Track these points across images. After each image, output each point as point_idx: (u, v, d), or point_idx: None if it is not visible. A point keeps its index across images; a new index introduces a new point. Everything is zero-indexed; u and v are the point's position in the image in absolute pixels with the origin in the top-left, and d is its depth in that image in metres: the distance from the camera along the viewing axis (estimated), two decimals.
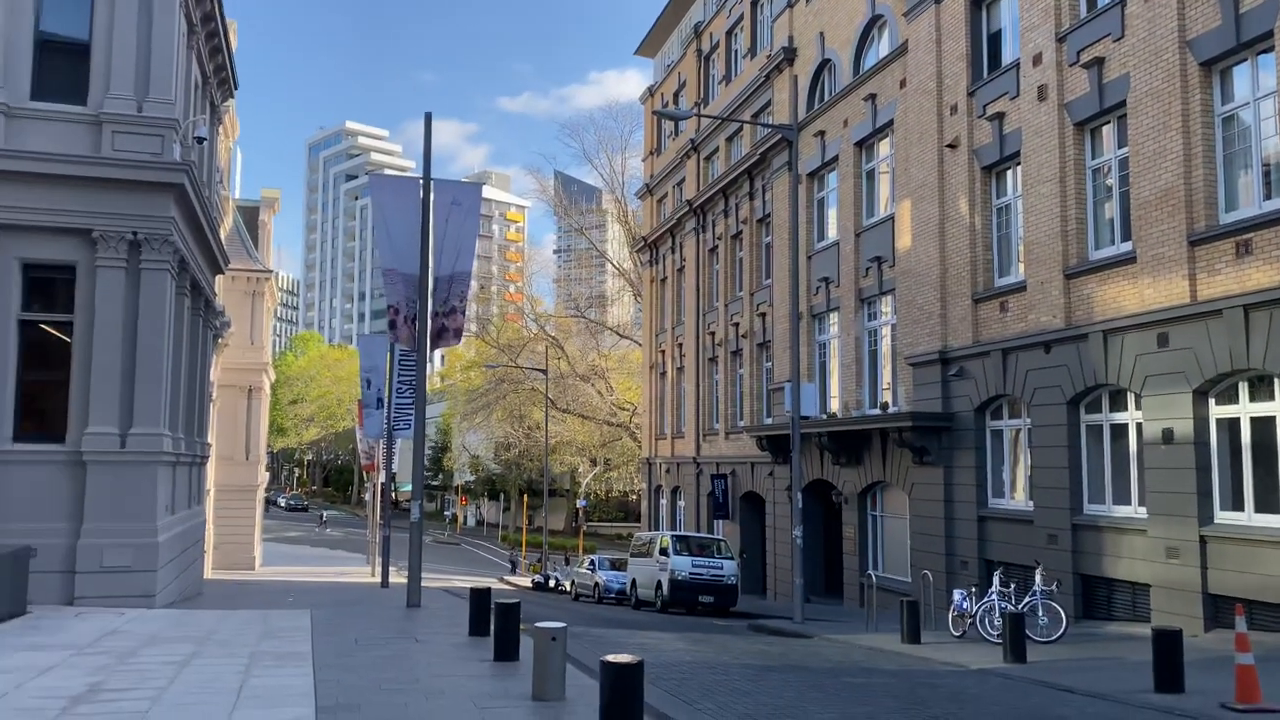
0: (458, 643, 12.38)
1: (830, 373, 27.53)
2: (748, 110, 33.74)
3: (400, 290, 17.44)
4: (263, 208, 44.50)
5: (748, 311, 33.07)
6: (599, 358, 61.89)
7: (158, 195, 16.28)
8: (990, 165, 20.61)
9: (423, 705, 8.56)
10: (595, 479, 71.73)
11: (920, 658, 14.39)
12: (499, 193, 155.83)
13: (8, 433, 15.47)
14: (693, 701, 9.58)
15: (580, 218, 72.31)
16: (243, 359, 39.46)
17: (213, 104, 23.19)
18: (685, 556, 26.41)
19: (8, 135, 15.60)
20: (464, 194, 18.41)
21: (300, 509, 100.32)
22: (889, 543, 24.57)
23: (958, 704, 10.23)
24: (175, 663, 10.44)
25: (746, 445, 31.82)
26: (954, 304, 21.35)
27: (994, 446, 20.53)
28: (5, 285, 15.55)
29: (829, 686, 11.32)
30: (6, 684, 9.08)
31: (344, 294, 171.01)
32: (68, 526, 15.38)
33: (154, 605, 15.64)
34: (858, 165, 26.13)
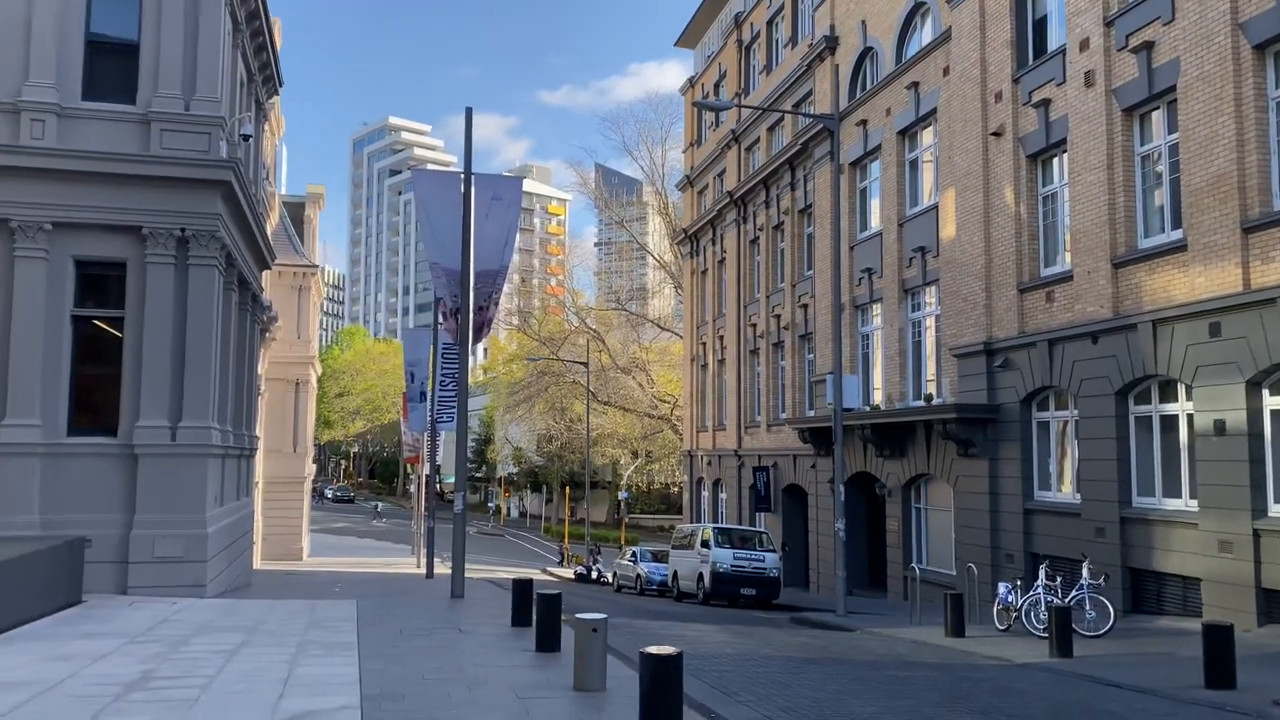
0: (500, 633, 12.49)
1: (874, 364, 27.32)
2: (789, 100, 33.53)
3: (446, 284, 17.61)
4: (308, 203, 45.05)
5: (789, 303, 32.91)
6: (640, 350, 61.90)
7: (205, 192, 16.56)
8: (1036, 153, 20.30)
9: (465, 695, 8.65)
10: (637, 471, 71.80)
11: (964, 651, 14.26)
12: (540, 186, 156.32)
13: (63, 426, 15.84)
14: (733, 694, 9.59)
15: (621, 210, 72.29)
16: (290, 353, 40.03)
17: (258, 101, 23.51)
18: (727, 549, 26.39)
19: (60, 135, 15.94)
20: (505, 189, 18.51)
21: (347, 500, 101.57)
22: (933, 536, 24.36)
23: (1002, 698, 10.13)
24: (225, 651, 10.64)
25: (788, 438, 31.69)
26: (999, 294, 21.08)
27: (1040, 438, 20.26)
28: (59, 282, 15.90)
29: (871, 679, 11.27)
30: (63, 671, 9.32)
31: (388, 288, 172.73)
32: (121, 518, 15.72)
33: (204, 595, 15.94)
34: (900, 154, 25.87)
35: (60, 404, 15.85)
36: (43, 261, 15.74)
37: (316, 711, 7.85)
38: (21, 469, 15.29)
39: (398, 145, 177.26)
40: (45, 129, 15.83)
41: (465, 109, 18.35)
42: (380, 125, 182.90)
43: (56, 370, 15.82)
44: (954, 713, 9.23)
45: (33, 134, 15.77)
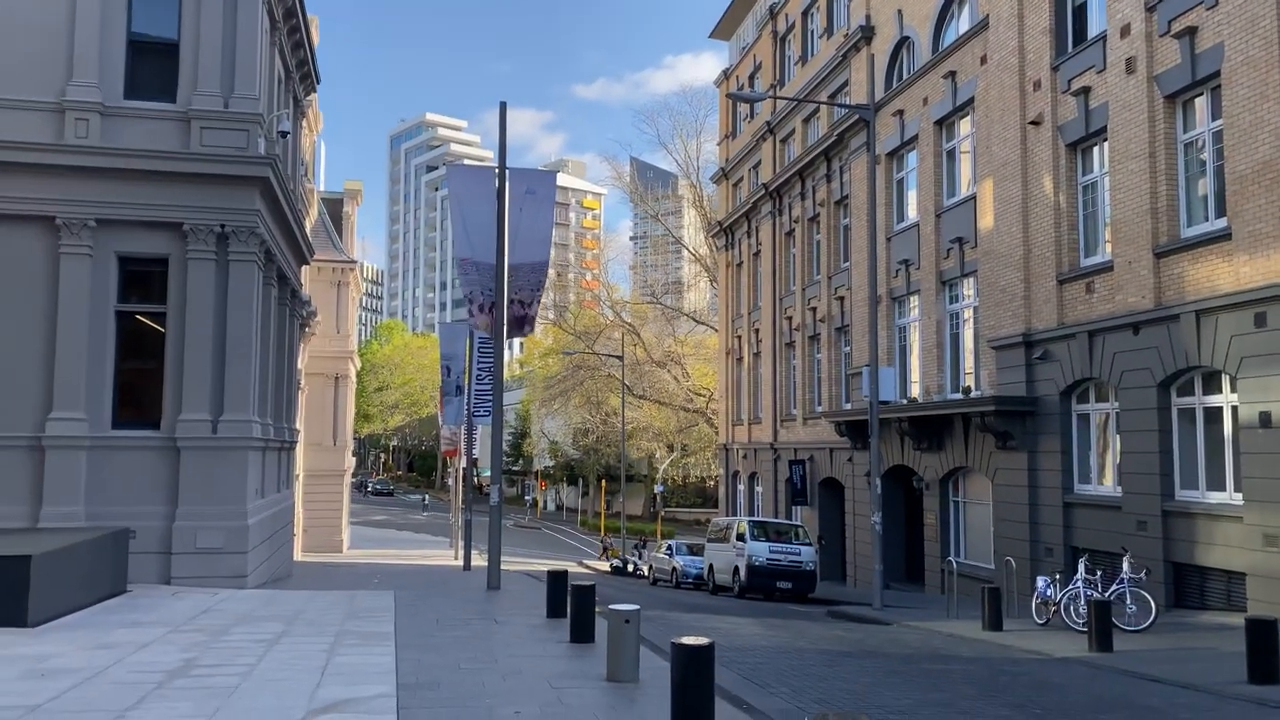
0: (535, 624, 12.56)
1: (911, 356, 27.10)
2: (824, 91, 33.31)
3: (476, 279, 17.69)
4: (346, 199, 45.49)
5: (825, 295, 32.73)
6: (675, 344, 61.89)
7: (244, 188, 16.78)
8: (1075, 142, 20.01)
9: (500, 684, 8.72)
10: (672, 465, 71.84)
11: (1001, 645, 14.14)
12: (575, 180, 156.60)
13: (107, 419, 16.14)
14: (766, 685, 9.58)
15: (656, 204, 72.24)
16: (329, 347, 40.49)
17: (295, 99, 23.76)
18: (763, 542, 26.34)
19: (104, 133, 16.22)
20: (539, 183, 18.57)
21: (386, 494, 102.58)
22: (971, 529, 24.15)
23: (1039, 691, 10.03)
24: (265, 641, 10.81)
25: (825, 431, 31.54)
26: (1038, 285, 20.83)
27: (1080, 431, 20.00)
28: (103, 278, 16.20)
29: (906, 673, 11.20)
30: (108, 659, 9.52)
31: (426, 283, 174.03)
32: (164, 509, 16.00)
33: (245, 586, 16.19)
34: (937, 144, 25.61)
35: (105, 398, 16.15)
36: (87, 258, 16.04)
37: (354, 699, 7.95)
38: (68, 461, 15.61)
39: (435, 141, 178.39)
40: (89, 128, 16.13)
41: (499, 104, 18.43)
42: (417, 121, 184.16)
43: (101, 364, 16.12)
44: (990, 705, 9.16)
45: (77, 133, 16.07)
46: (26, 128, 15.98)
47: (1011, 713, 8.87)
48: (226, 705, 7.72)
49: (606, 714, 7.70)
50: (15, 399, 15.67)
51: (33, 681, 8.41)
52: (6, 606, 11.12)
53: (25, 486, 15.51)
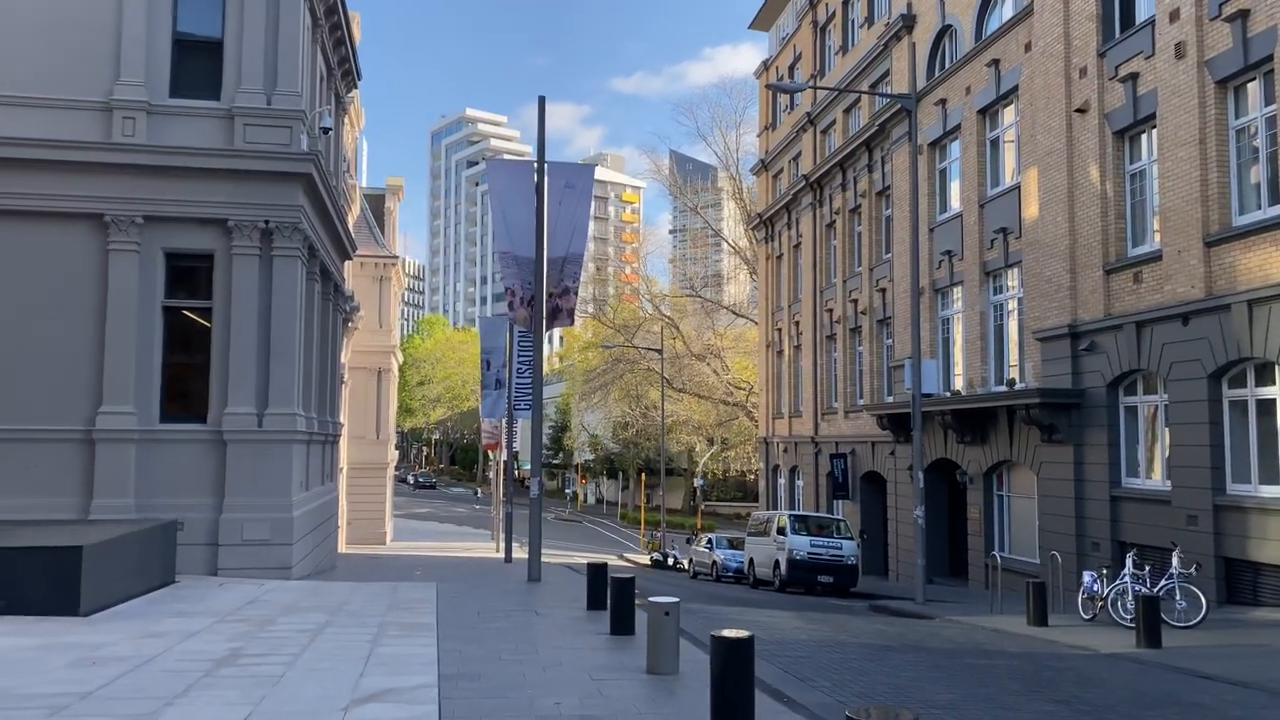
0: (575, 616, 12.60)
1: (954, 349, 26.79)
2: (865, 81, 32.99)
3: (516, 273, 17.77)
4: (388, 195, 45.89)
5: (867, 287, 32.45)
6: (714, 337, 61.72)
7: (287, 185, 16.98)
8: (1123, 129, 19.64)
9: (540, 675, 8.76)
10: (712, 458, 71.72)
11: (1047, 640, 13.95)
12: (614, 174, 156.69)
13: (155, 413, 16.43)
14: (807, 679, 9.52)
15: (695, 196, 72.00)
16: (372, 342, 40.89)
17: (337, 95, 23.99)
18: (803, 536, 26.22)
19: (150, 131, 16.48)
20: (577, 176, 18.60)
21: (429, 486, 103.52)
22: (1016, 523, 23.85)
23: (1085, 687, 9.87)
24: (309, 631, 10.94)
25: (866, 424, 31.30)
26: (1084, 276, 20.48)
27: (1128, 424, 19.66)
28: (150, 274, 16.48)
29: (949, 667, 11.08)
30: (157, 647, 9.70)
31: (467, 278, 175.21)
32: (211, 501, 16.26)
33: (290, 577, 16.41)
34: (981, 134, 25.26)
35: (153, 392, 16.44)
36: (135, 254, 16.33)
37: (396, 689, 8.02)
38: (117, 454, 15.92)
39: (475, 137, 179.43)
40: (136, 126, 16.40)
41: (538, 98, 18.46)
42: (458, 117, 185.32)
43: (149, 359, 16.41)
44: (1035, 701, 9.04)
45: (124, 131, 16.35)
46: (75, 127, 16.30)
47: (1056, 708, 8.75)
48: (272, 694, 7.82)
49: (646, 706, 7.70)
50: (67, 393, 16.01)
51: (84, 669, 8.58)
52: (59, 596, 11.36)
53: (77, 479, 15.85)
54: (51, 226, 16.22)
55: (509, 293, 17.85)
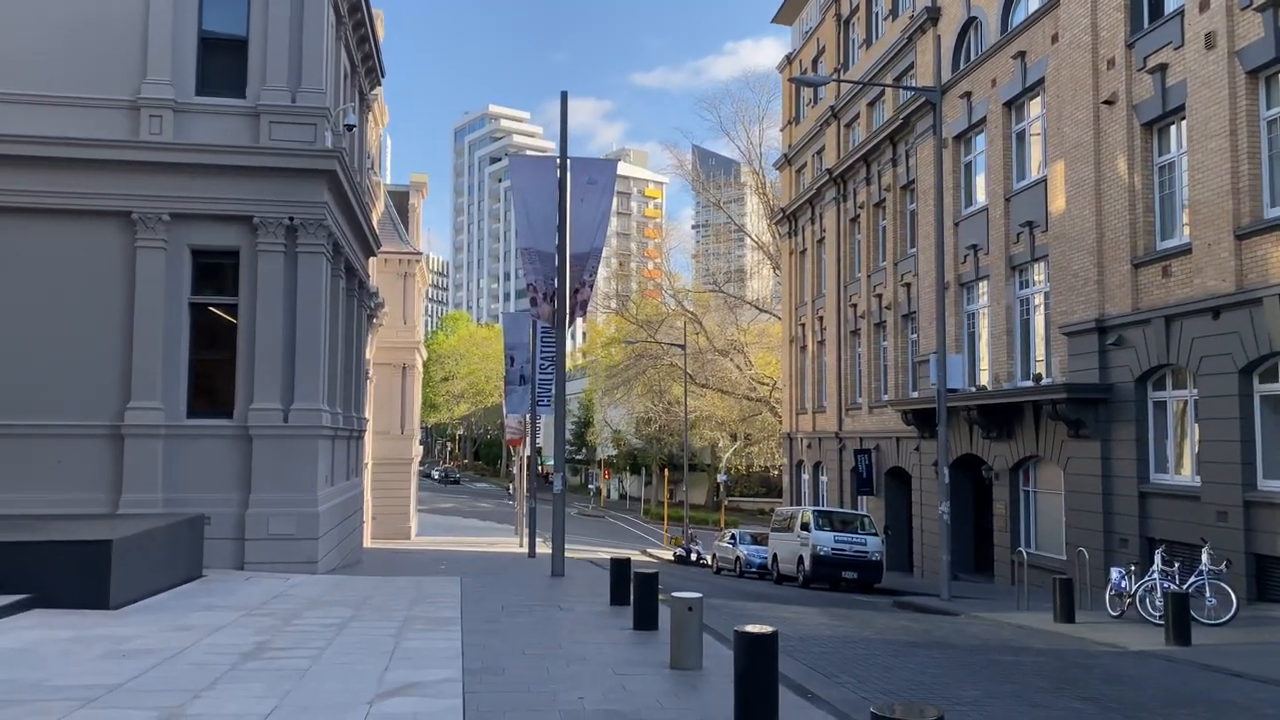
0: (599, 611, 12.61)
1: (979, 343, 26.60)
2: (889, 74, 32.78)
3: (539, 269, 17.79)
4: (412, 192, 46.08)
5: (891, 282, 32.27)
6: (738, 332, 61.58)
7: (311, 181, 17.08)
8: (1151, 121, 19.40)
9: (563, 670, 8.77)
10: (735, 454, 71.58)
11: (1074, 637, 13.82)
12: (636, 169, 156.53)
13: (182, 409, 16.58)
14: (831, 675, 9.48)
15: (718, 192, 71.84)
16: (396, 338, 41.11)
17: (361, 92, 24.10)
18: (827, 532, 26.13)
19: (176, 129, 16.63)
20: (600, 172, 18.59)
21: (453, 481, 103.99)
22: (1042, 519, 23.65)
23: (1113, 685, 9.78)
24: (334, 625, 11.02)
25: (891, 420, 31.14)
26: (1112, 269, 20.27)
27: (1156, 419, 19.45)
28: (177, 270, 16.63)
29: (975, 664, 11.01)
30: (186, 640, 9.79)
31: (490, 274, 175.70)
32: (237, 496, 16.40)
33: (316, 571, 16.53)
34: (1006, 126, 25.04)
35: (180, 387, 16.59)
36: (162, 251, 16.48)
37: (420, 683, 8.06)
38: (145, 449, 16.08)
39: (498, 133, 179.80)
40: (162, 124, 16.55)
41: (560, 93, 18.48)
42: (481, 114, 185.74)
43: (176, 355, 16.56)
44: (1061, 698, 8.96)
45: (151, 129, 16.50)
46: (103, 125, 16.46)
47: (1084, 705, 8.66)
48: (298, 687, 7.88)
49: (669, 701, 7.69)
50: (96, 389, 16.19)
51: (114, 661, 8.68)
52: (90, 589, 11.50)
53: (106, 474, 16.03)
54: (80, 224, 16.40)
55: (531, 289, 17.87)
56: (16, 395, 15.98)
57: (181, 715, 6.92)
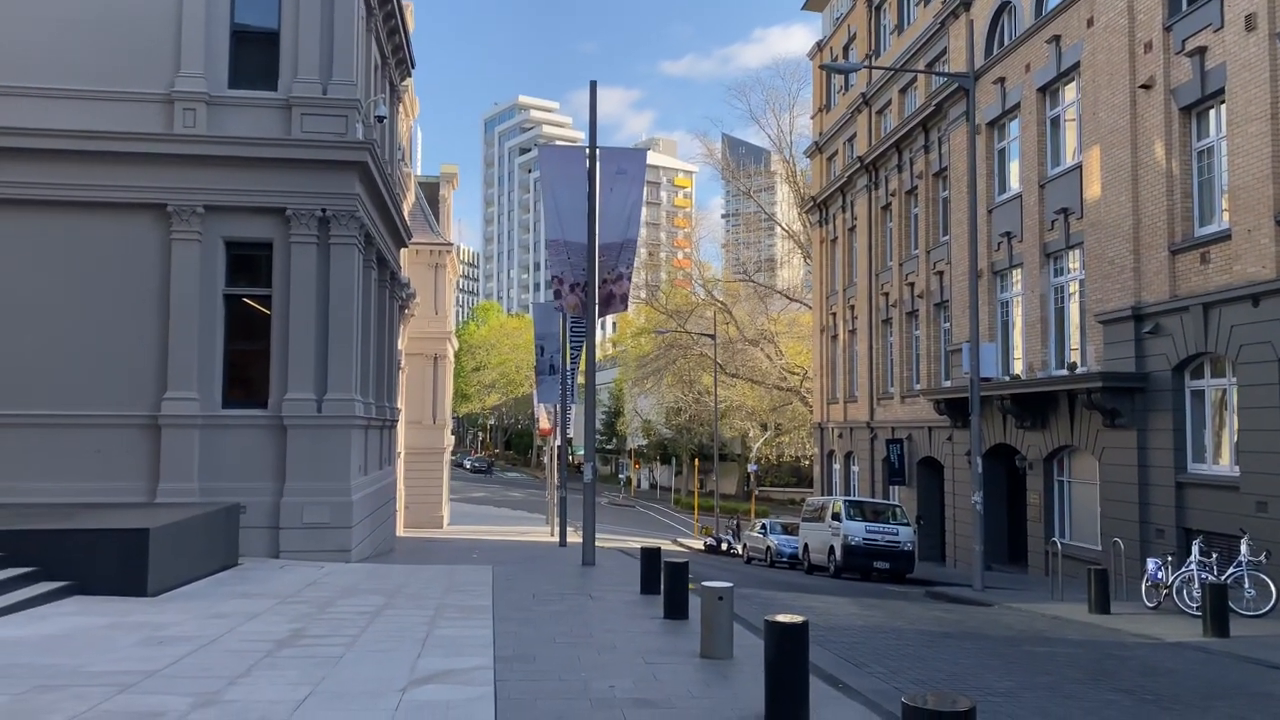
0: (629, 600, 12.63)
1: (1013, 332, 26.32)
2: (921, 60, 32.45)
3: (565, 260, 17.78)
4: (442, 183, 46.24)
5: (924, 270, 31.99)
6: (768, 322, 61.34)
7: (343, 173, 17.18)
8: (1189, 105, 19.07)
9: (594, 658, 8.80)
10: (766, 444, 71.41)
11: (1109, 628, 13.67)
12: (666, 159, 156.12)
13: (218, 399, 16.78)
14: (862, 665, 9.44)
15: (748, 180, 71.50)
16: (428, 328, 41.33)
17: (391, 84, 24.19)
18: (859, 522, 26.01)
19: (210, 122, 16.79)
20: (629, 162, 18.54)
21: (484, 471, 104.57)
22: (1077, 509, 23.41)
23: (1150, 677, 9.66)
24: (368, 612, 11.12)
25: (923, 409, 30.92)
26: (1148, 256, 19.97)
27: (1194, 408, 19.16)
28: (211, 262, 16.81)
29: (1008, 655, 10.92)
30: (221, 628, 9.92)
31: (520, 265, 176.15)
32: (272, 485, 16.58)
33: (349, 560, 16.68)
34: (1041, 112, 24.71)
35: (215, 378, 16.79)
36: (197, 243, 16.66)
37: (453, 670, 8.12)
38: (182, 439, 16.29)
39: (528, 124, 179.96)
40: (196, 117, 16.71)
41: (589, 83, 18.44)
42: (510, 104, 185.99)
43: (211, 346, 16.75)
44: (1097, 690, 8.86)
45: (184, 122, 16.67)
46: (138, 119, 16.66)
47: (1120, 697, 8.57)
48: (332, 674, 7.96)
49: (700, 690, 7.70)
50: (133, 380, 16.42)
51: (151, 648, 8.81)
52: (128, 576, 11.68)
53: (143, 463, 16.26)
54: (117, 217, 16.62)
55: (556, 281, 17.86)
56: (57, 386, 16.24)
57: (217, 701, 7.02)
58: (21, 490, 15.54)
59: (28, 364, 16.17)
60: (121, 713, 6.65)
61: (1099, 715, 7.76)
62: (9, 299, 16.26)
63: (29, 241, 16.38)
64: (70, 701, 6.88)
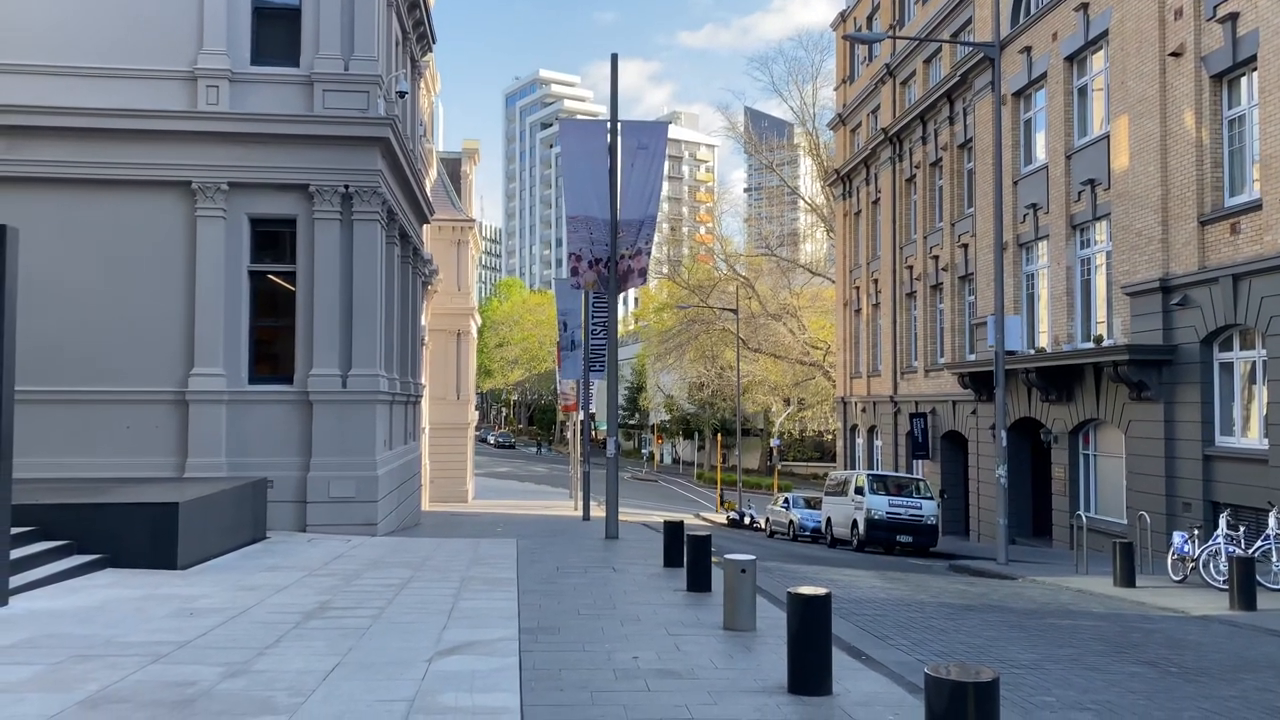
0: (652, 573, 12.71)
1: (1038, 305, 26.10)
2: (946, 30, 32.03)
3: (584, 235, 17.71)
4: (464, 159, 46.21)
5: (948, 243, 31.73)
6: (790, 296, 61.09)
7: (365, 149, 17.21)
8: (1220, 73, 18.74)
9: (618, 630, 8.87)
10: (789, 418, 71.31)
11: (1134, 602, 13.62)
12: (687, 132, 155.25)
13: (244, 375, 16.94)
14: (885, 637, 9.46)
15: (770, 154, 71.01)
16: (451, 304, 41.47)
17: (413, 59, 24.14)
18: (882, 496, 25.99)
19: (233, 99, 16.84)
20: (650, 136, 18.41)
21: (508, 446, 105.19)
22: (1102, 483, 23.28)
23: (1175, 649, 9.63)
24: (394, 585, 11.24)
25: (947, 383, 30.77)
26: (1177, 227, 19.71)
27: (1222, 380, 18.96)
28: (236, 239, 16.92)
29: (1032, 627, 10.91)
30: (250, 600, 10.07)
31: (542, 240, 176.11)
32: (299, 460, 16.75)
33: (376, 533, 16.86)
34: (1068, 82, 24.36)
35: (241, 354, 16.94)
36: (221, 220, 16.77)
37: (478, 642, 8.21)
38: (209, 415, 16.48)
39: (548, 98, 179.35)
40: (219, 94, 16.77)
41: (611, 55, 18.33)
42: (531, 79, 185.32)
43: (237, 323, 16.90)
44: (1120, 662, 8.84)
45: (208, 100, 16.73)
46: (161, 97, 16.74)
47: (1144, 669, 8.55)
48: (359, 645, 8.07)
49: (723, 661, 7.75)
50: (161, 357, 16.60)
51: (182, 620, 8.96)
52: (159, 550, 11.86)
53: (172, 438, 16.46)
54: (141, 195, 16.74)
55: (573, 257, 17.81)
56: (87, 364, 16.44)
57: (247, 671, 7.14)
58: (55, 466, 15.78)
59: (58, 342, 16.36)
60: (154, 682, 6.78)
61: (1123, 687, 7.75)
62: (38, 278, 16.42)
63: (54, 221, 16.53)
64: (105, 671, 7.02)
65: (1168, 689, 7.80)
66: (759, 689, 6.90)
